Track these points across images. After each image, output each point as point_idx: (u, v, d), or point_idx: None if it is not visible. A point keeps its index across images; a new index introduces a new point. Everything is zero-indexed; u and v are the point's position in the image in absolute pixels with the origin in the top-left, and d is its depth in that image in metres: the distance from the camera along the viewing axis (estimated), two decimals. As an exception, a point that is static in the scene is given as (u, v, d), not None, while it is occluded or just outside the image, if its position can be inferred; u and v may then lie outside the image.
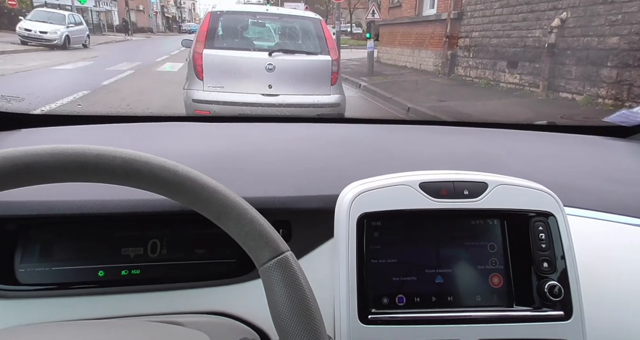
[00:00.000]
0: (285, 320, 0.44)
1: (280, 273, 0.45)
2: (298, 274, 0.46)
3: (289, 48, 4.22)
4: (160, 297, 0.66)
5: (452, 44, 9.74)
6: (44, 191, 0.60)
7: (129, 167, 0.44)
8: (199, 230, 0.69)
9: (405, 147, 1.03)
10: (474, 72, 9.13)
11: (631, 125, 1.25)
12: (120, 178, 0.44)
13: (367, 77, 9.75)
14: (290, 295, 0.45)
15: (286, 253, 0.47)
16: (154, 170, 0.45)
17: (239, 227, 0.47)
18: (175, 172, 0.45)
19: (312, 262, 0.68)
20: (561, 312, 0.63)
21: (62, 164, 0.42)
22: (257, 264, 0.47)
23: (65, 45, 11.09)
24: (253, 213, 0.48)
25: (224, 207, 0.46)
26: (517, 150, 1.04)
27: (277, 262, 0.46)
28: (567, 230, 0.67)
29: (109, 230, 0.68)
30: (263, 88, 3.76)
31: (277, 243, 0.47)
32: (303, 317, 0.44)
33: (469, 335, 0.62)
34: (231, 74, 3.78)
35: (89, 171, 0.43)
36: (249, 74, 3.84)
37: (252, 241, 0.47)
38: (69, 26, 11.46)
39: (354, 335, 0.61)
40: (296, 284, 0.45)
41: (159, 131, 1.08)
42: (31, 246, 0.65)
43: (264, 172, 0.80)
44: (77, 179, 0.44)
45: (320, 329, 0.45)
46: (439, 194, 0.65)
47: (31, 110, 0.90)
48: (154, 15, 31.64)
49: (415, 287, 0.64)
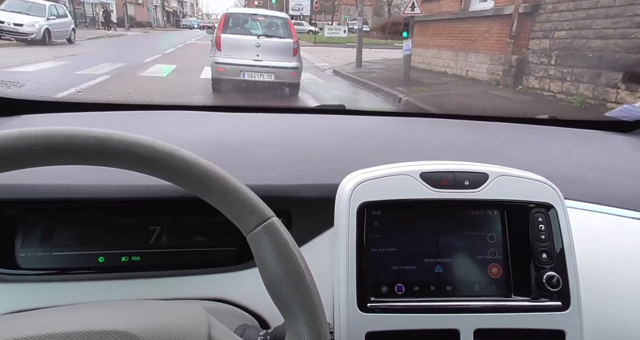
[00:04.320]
0: (277, 283, 0.45)
1: (268, 238, 0.46)
2: (286, 237, 0.46)
3: (269, 34, 7.11)
4: (160, 284, 0.67)
5: (520, 47, 7.41)
6: (44, 175, 0.61)
7: (103, 145, 0.43)
8: (200, 218, 0.69)
9: (406, 138, 1.04)
10: (556, 85, 6.61)
11: (633, 120, 1.25)
12: (96, 158, 0.44)
13: (404, 86, 7.98)
14: (279, 258, 0.45)
15: (272, 218, 0.47)
16: (130, 147, 0.44)
17: (222, 197, 0.47)
18: (152, 147, 0.45)
19: (312, 250, 0.69)
20: (559, 303, 0.64)
21: (31, 146, 0.41)
22: (245, 231, 0.47)
23: (44, 40, 9.77)
24: (236, 182, 0.47)
25: (206, 178, 0.46)
26: (519, 143, 1.04)
27: (264, 228, 0.46)
28: (566, 222, 0.67)
29: (110, 216, 0.68)
30: (253, 56, 6.52)
31: (263, 209, 0.47)
32: (294, 277, 0.45)
33: (467, 324, 0.63)
34: (236, 48, 6.50)
35: (62, 153, 0.42)
36: (246, 48, 6.58)
37: (237, 210, 0.47)
38: (50, 18, 10.13)
39: (353, 323, 0.61)
40: (285, 246, 0.46)
41: (161, 119, 1.08)
42: (32, 231, 0.66)
43: (265, 161, 0.81)
44: (50, 161, 0.43)
45: (312, 288, 0.46)
46: (439, 184, 0.66)
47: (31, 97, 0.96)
48: (154, 9, 30.17)
49: (414, 276, 0.65)
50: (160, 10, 33.05)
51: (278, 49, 6.78)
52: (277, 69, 6.53)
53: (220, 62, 6.32)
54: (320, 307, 0.46)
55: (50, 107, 1.08)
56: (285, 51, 6.75)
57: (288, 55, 6.72)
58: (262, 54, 6.56)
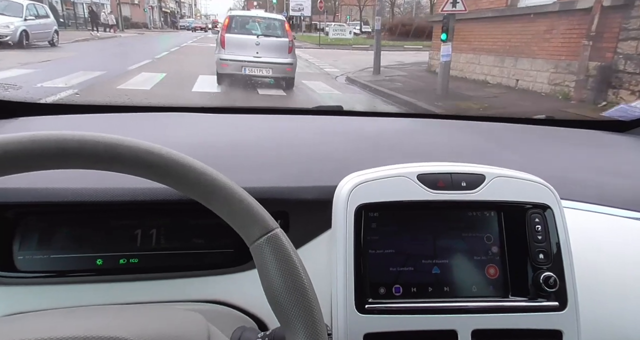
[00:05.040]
0: (279, 295, 0.45)
1: (271, 249, 0.46)
2: (289, 249, 0.47)
3: (267, 34, 8.00)
4: (159, 286, 0.67)
5: (603, 50, 5.83)
6: (42, 178, 0.61)
7: (112, 151, 0.44)
8: (198, 220, 0.69)
9: (403, 139, 1.04)
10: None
11: (629, 120, 1.26)
12: (105, 163, 0.44)
13: (444, 100, 6.80)
14: (282, 270, 0.45)
15: (276, 230, 0.47)
16: (139, 153, 0.44)
17: (227, 207, 0.47)
18: (160, 154, 0.45)
19: (309, 252, 0.69)
20: (556, 303, 0.64)
21: (43, 150, 0.41)
22: (248, 242, 0.47)
23: (21, 42, 9.07)
24: (241, 192, 0.48)
25: (212, 187, 0.46)
26: (515, 144, 1.04)
27: (268, 239, 0.46)
28: (563, 222, 0.67)
29: (108, 219, 0.68)
30: (253, 53, 7.41)
31: (267, 220, 0.47)
32: (296, 291, 0.45)
33: (465, 325, 0.63)
34: (238, 46, 7.39)
35: (72, 157, 0.43)
36: (247, 46, 7.48)
37: (241, 220, 0.47)
38: (28, 19, 9.41)
39: (351, 325, 0.62)
40: (288, 259, 0.46)
41: (159, 121, 1.08)
42: (30, 234, 0.66)
43: (262, 163, 0.80)
44: (60, 165, 0.43)
45: (314, 302, 0.46)
46: (436, 186, 0.66)
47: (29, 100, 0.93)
48: (150, 9, 29.15)
49: (412, 278, 0.65)
50: (157, 11, 32.28)
51: (275, 47, 7.69)
52: (274, 65, 7.44)
53: (225, 59, 7.28)
54: (321, 321, 0.46)
55: (48, 110, 1.07)
56: (281, 49, 7.68)
57: (284, 53, 7.65)
58: (261, 51, 7.49)
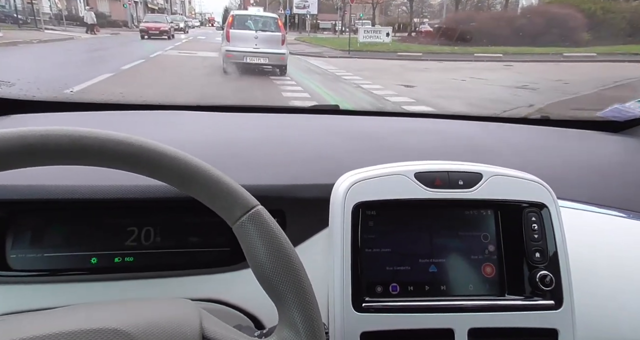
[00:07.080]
0: (266, 270, 0.45)
1: (254, 226, 0.46)
2: (272, 225, 0.46)
3: (264, 29, 9.65)
4: (154, 284, 0.66)
5: None
6: (33, 175, 0.60)
7: (78, 143, 0.42)
8: (193, 218, 0.69)
9: (400, 138, 1.04)
10: None
11: (623, 120, 1.26)
12: (72, 157, 0.43)
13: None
14: (267, 245, 0.45)
15: (257, 207, 0.47)
16: (107, 144, 0.43)
17: (205, 189, 0.46)
18: (129, 143, 0.44)
19: (306, 251, 0.69)
20: (552, 302, 0.64)
21: (6, 148, 0.40)
22: (230, 222, 0.47)
23: None
24: (218, 173, 0.47)
25: (188, 171, 0.46)
26: (512, 143, 1.05)
27: (250, 217, 0.46)
28: (559, 221, 0.67)
29: (102, 217, 0.67)
30: (252, 45, 9.09)
31: (247, 199, 0.47)
32: (283, 263, 0.45)
33: (461, 323, 0.63)
34: (240, 39, 9.08)
35: (37, 153, 0.41)
36: (247, 40, 9.15)
37: (221, 201, 0.46)
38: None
39: (347, 323, 0.62)
40: (272, 234, 0.46)
41: (154, 119, 1.07)
42: (23, 232, 0.65)
43: (259, 161, 0.80)
44: (26, 162, 0.41)
45: (301, 273, 0.46)
46: (433, 184, 0.66)
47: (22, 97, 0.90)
48: (129, 5, 24.72)
49: (408, 276, 0.65)
50: (142, 7, 28.80)
51: (270, 40, 9.38)
52: (270, 54, 9.21)
53: (230, 50, 9.04)
54: (311, 290, 0.46)
55: (43, 107, 1.06)
56: (276, 41, 9.42)
57: (278, 44, 9.40)
58: (259, 43, 9.22)
